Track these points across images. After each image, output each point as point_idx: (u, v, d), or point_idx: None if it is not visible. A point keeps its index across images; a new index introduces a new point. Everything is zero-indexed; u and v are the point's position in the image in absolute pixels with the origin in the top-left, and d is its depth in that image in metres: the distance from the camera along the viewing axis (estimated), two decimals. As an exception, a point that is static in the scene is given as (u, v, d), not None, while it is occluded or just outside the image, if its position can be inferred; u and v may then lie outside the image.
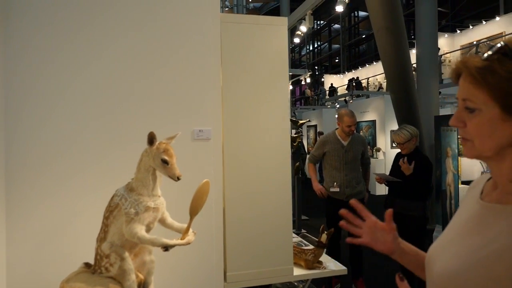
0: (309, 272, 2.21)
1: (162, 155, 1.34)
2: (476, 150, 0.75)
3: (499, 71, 0.68)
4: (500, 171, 0.75)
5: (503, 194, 0.75)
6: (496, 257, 0.68)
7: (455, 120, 0.76)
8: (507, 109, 0.69)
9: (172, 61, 1.91)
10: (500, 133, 0.70)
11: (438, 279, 0.78)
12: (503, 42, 0.70)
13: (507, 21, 12.51)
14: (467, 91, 0.73)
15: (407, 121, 4.14)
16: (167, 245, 1.35)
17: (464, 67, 0.73)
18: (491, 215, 0.75)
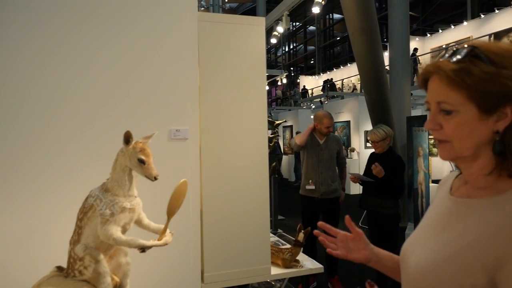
0: (287, 271, 2.22)
1: (138, 154, 1.32)
2: (455, 151, 0.76)
3: (474, 71, 0.70)
4: (471, 169, 0.77)
5: (473, 189, 0.78)
6: (467, 250, 0.71)
7: (431, 123, 0.77)
8: (484, 108, 0.71)
9: (149, 60, 1.88)
10: (478, 132, 0.73)
11: (414, 274, 0.81)
12: (471, 45, 0.73)
13: (474, 26, 13.02)
14: (443, 94, 0.74)
15: (381, 121, 4.24)
16: (144, 246, 1.33)
17: (439, 70, 0.74)
18: (461, 210, 0.78)
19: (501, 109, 0.71)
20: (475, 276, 0.68)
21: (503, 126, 0.71)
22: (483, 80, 0.69)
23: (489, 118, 0.71)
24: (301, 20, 29.40)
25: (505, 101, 0.70)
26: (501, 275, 0.65)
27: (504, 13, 12.15)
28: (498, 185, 0.74)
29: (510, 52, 0.71)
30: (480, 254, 0.68)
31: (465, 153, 0.75)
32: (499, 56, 0.70)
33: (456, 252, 0.72)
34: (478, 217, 0.73)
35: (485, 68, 0.69)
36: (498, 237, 0.67)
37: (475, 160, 0.76)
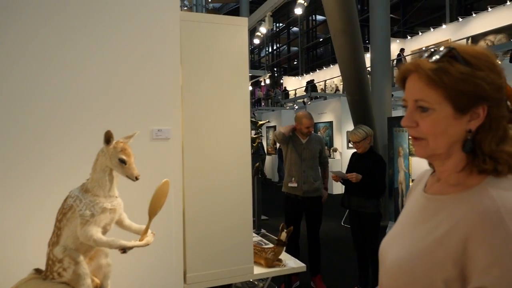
0: (269, 270, 2.24)
1: (119, 154, 1.31)
2: (430, 148, 0.78)
3: (452, 71, 0.73)
4: (444, 166, 0.80)
5: (445, 186, 0.81)
6: (438, 244, 0.73)
7: (407, 120, 0.79)
8: (458, 108, 0.74)
9: (131, 59, 1.86)
10: (452, 130, 0.75)
11: (390, 270, 0.83)
12: (449, 46, 0.76)
13: (452, 29, 13.34)
14: (421, 92, 0.76)
15: (362, 122, 4.31)
16: (125, 247, 1.32)
17: (418, 69, 0.77)
18: (434, 206, 0.80)
19: (474, 109, 0.73)
20: (446, 270, 0.70)
21: (475, 125, 0.74)
22: (459, 80, 0.72)
23: (463, 117, 0.74)
24: (284, 21, 29.54)
25: (478, 102, 0.73)
26: (469, 266, 0.67)
27: (481, 17, 12.50)
28: (468, 181, 0.77)
29: (484, 55, 0.74)
30: (449, 248, 0.71)
31: (439, 151, 0.78)
32: (474, 58, 0.73)
33: (428, 247, 0.75)
34: (448, 213, 0.75)
35: (461, 68, 0.72)
36: (464, 230, 0.70)
37: (448, 158, 0.79)
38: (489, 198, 0.70)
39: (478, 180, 0.75)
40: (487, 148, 0.74)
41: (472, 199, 0.73)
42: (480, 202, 0.71)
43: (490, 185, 0.73)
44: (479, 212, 0.69)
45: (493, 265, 0.64)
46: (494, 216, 0.67)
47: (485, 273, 0.65)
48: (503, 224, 0.66)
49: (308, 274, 3.71)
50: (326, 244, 5.07)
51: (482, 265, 0.66)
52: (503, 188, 0.72)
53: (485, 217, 0.68)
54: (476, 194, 0.73)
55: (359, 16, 20.32)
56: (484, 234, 0.67)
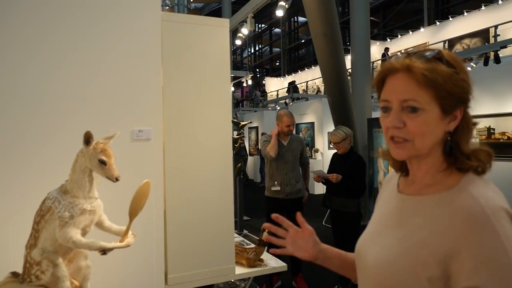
0: (251, 270, 2.25)
1: (99, 155, 1.30)
2: (414, 149, 0.78)
3: (441, 72, 0.75)
4: (420, 166, 0.82)
5: (421, 187, 0.82)
6: (421, 245, 0.74)
7: (395, 120, 0.77)
8: (444, 109, 0.76)
9: (111, 59, 1.84)
10: (437, 131, 0.77)
11: (371, 271, 0.83)
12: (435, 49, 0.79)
13: (430, 32, 13.68)
14: (411, 92, 0.75)
15: (343, 122, 4.37)
16: (105, 249, 1.31)
17: (410, 68, 0.75)
18: (413, 206, 0.81)
19: (455, 111, 0.77)
20: (430, 269, 0.72)
21: (453, 127, 0.78)
22: (449, 81, 0.75)
23: (445, 119, 0.77)
24: (266, 22, 29.64)
25: (459, 103, 0.77)
26: (453, 267, 0.69)
27: (457, 21, 12.85)
28: (445, 181, 0.78)
29: (459, 59, 0.79)
30: (433, 249, 0.72)
31: (423, 151, 0.79)
32: (456, 62, 0.78)
33: (411, 247, 0.76)
34: (430, 213, 0.76)
35: (447, 70, 0.75)
36: (448, 231, 0.71)
37: (426, 158, 0.80)
38: (472, 198, 0.71)
39: (456, 180, 0.77)
40: (465, 149, 0.77)
41: (455, 199, 0.74)
42: (463, 203, 0.72)
43: (468, 184, 0.75)
44: (465, 213, 0.70)
45: (484, 263, 0.66)
46: (480, 216, 0.68)
47: (476, 272, 0.66)
48: (489, 223, 0.67)
49: (290, 274, 3.74)
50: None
51: (471, 265, 0.67)
52: (481, 187, 0.74)
53: (471, 217, 0.69)
54: (457, 194, 0.74)
55: (340, 19, 20.58)
56: (472, 234, 0.68)
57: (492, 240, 0.66)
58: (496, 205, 0.70)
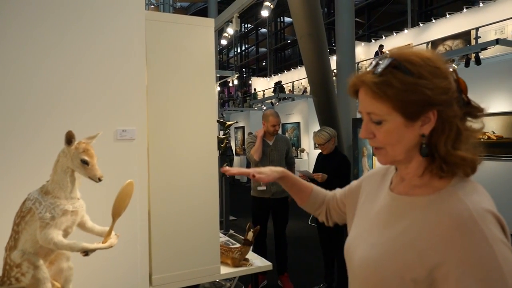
0: (236, 270, 2.25)
1: (81, 155, 1.28)
2: (389, 156, 0.81)
3: (394, 83, 0.74)
4: (408, 169, 0.83)
5: (410, 187, 0.83)
6: (409, 247, 0.75)
7: (365, 132, 0.82)
8: (408, 116, 0.76)
9: (94, 58, 1.82)
10: (406, 138, 0.78)
11: (358, 269, 0.85)
12: (391, 56, 0.77)
13: (414, 34, 13.89)
14: (370, 105, 0.79)
15: (328, 123, 4.41)
16: (87, 250, 1.29)
17: (363, 84, 0.79)
18: (401, 207, 0.82)
19: (424, 114, 0.76)
20: (416, 271, 0.73)
21: (428, 129, 0.77)
22: (403, 91, 0.74)
23: (415, 124, 0.77)
24: (252, 22, 29.64)
25: (426, 107, 0.75)
26: (439, 272, 0.70)
27: (440, 23, 13.08)
28: (434, 183, 0.79)
29: (426, 60, 0.76)
30: (421, 252, 0.73)
31: (398, 157, 0.81)
32: (416, 66, 0.75)
33: (399, 248, 0.77)
34: (418, 215, 0.77)
35: (404, 78, 0.74)
36: (436, 235, 0.72)
37: (409, 163, 0.82)
38: (461, 202, 0.72)
39: (445, 183, 0.77)
40: (443, 150, 0.76)
41: (444, 203, 0.74)
42: (453, 207, 0.72)
43: (457, 187, 0.76)
44: (453, 218, 0.71)
45: (473, 268, 0.67)
46: (468, 221, 0.69)
47: (466, 277, 0.67)
48: (478, 228, 0.68)
49: (275, 273, 3.76)
50: (293, 243, 5.15)
51: (460, 270, 0.68)
52: (469, 190, 0.75)
53: (460, 222, 0.70)
54: (446, 197, 0.75)
55: (326, 20, 20.66)
56: (461, 239, 0.69)
57: (481, 245, 0.67)
58: (483, 209, 0.71)
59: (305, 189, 1.19)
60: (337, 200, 1.16)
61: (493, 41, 5.71)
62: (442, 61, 0.77)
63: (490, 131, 6.07)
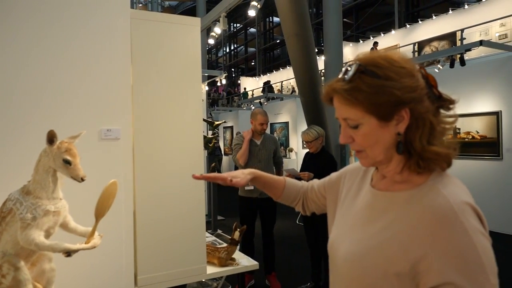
0: (222, 270, 2.25)
1: (63, 155, 1.26)
2: (370, 158, 0.83)
3: (363, 88, 0.77)
4: (388, 167, 0.85)
5: (391, 183, 0.85)
6: (391, 241, 0.77)
7: (344, 138, 0.85)
8: (382, 117, 0.78)
9: (78, 56, 1.79)
10: (383, 138, 0.80)
11: (342, 264, 0.86)
12: (357, 61, 0.79)
13: (401, 35, 14.07)
14: (345, 111, 0.81)
15: (315, 122, 4.43)
16: (70, 250, 1.27)
17: (334, 92, 0.82)
18: (384, 202, 0.84)
19: (397, 114, 0.77)
20: (399, 265, 0.74)
21: (403, 127, 0.78)
22: (373, 94, 0.76)
23: (389, 123, 0.78)
24: (241, 21, 29.63)
25: (397, 107, 0.77)
26: (422, 265, 0.72)
27: (426, 24, 13.27)
28: (414, 179, 0.81)
29: (392, 62, 0.78)
30: (403, 245, 0.75)
31: (379, 158, 0.83)
32: (382, 69, 0.77)
33: (382, 243, 0.78)
34: (400, 210, 0.79)
35: (372, 82, 0.76)
36: (418, 229, 0.74)
37: (390, 162, 0.84)
38: (441, 196, 0.74)
39: (424, 178, 0.80)
40: (418, 146, 0.78)
41: (424, 197, 0.76)
42: (433, 201, 0.74)
43: (436, 181, 0.78)
44: (434, 211, 0.73)
45: (454, 260, 0.69)
46: (449, 214, 0.71)
47: (447, 269, 0.69)
48: (458, 220, 0.70)
49: (263, 272, 3.77)
50: (281, 243, 5.16)
51: (442, 262, 0.69)
52: (448, 184, 0.77)
53: (441, 215, 0.72)
54: (426, 192, 0.77)
55: (315, 20, 20.73)
56: (442, 232, 0.71)
57: (461, 237, 0.69)
58: (462, 201, 0.73)
59: (278, 185, 1.20)
60: (315, 192, 1.17)
61: (477, 43, 5.81)
62: (407, 61, 0.79)
63: (474, 131, 6.18)
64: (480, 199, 6.39)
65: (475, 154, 6.13)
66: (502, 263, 5.25)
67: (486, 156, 5.98)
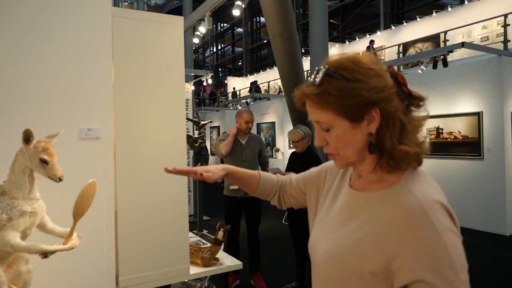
0: (206, 270, 2.24)
1: (40, 154, 1.24)
2: (343, 159, 0.85)
3: (332, 91, 0.78)
4: (363, 167, 0.87)
5: (367, 183, 0.87)
6: (366, 240, 0.78)
7: (318, 141, 0.86)
8: (352, 119, 0.79)
9: (58, 55, 1.76)
10: (355, 139, 0.81)
11: (321, 263, 0.87)
12: (326, 65, 0.80)
13: (386, 36, 14.24)
14: (316, 115, 0.83)
15: (301, 122, 4.44)
16: (46, 252, 1.25)
17: (305, 97, 0.83)
18: (359, 203, 0.86)
19: (368, 114, 0.79)
20: (373, 264, 0.76)
21: (374, 127, 0.80)
22: (342, 97, 0.78)
23: (361, 124, 0.80)
24: (228, 21, 29.58)
25: (367, 108, 0.78)
26: (394, 263, 0.73)
27: (411, 26, 13.46)
28: (388, 178, 0.83)
29: (360, 63, 0.79)
30: (377, 244, 0.76)
31: (352, 159, 0.84)
32: (350, 71, 0.78)
33: (357, 242, 0.80)
34: (375, 210, 0.81)
35: (340, 85, 0.78)
36: (391, 228, 0.75)
37: (363, 162, 0.85)
38: (412, 195, 0.76)
39: (397, 177, 0.81)
40: (389, 145, 0.79)
41: (397, 196, 0.78)
42: (404, 200, 0.76)
43: (408, 180, 0.80)
44: (405, 210, 0.75)
45: (424, 257, 0.70)
46: (419, 213, 0.73)
47: (418, 266, 0.70)
48: (428, 218, 0.72)
49: (248, 272, 3.76)
50: (266, 242, 5.17)
51: (413, 260, 0.71)
52: (419, 183, 0.79)
53: (411, 214, 0.73)
54: (398, 191, 0.79)
55: (301, 21, 20.79)
56: (413, 231, 0.72)
57: (431, 234, 0.71)
58: (432, 200, 0.75)
59: (253, 180, 1.18)
60: (294, 187, 1.16)
61: (459, 44, 5.92)
62: (375, 62, 0.81)
63: (456, 131, 6.30)
64: (462, 198, 6.50)
65: (457, 154, 6.24)
66: (483, 260, 5.35)
67: (468, 156, 6.09)
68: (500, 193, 5.69)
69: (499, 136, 5.76)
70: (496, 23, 10.03)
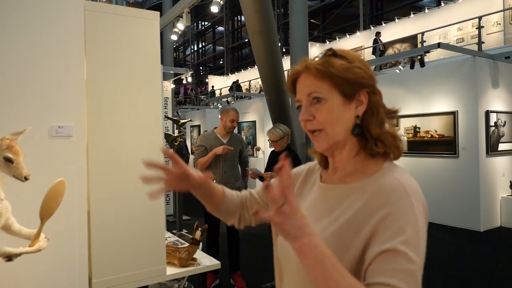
0: (183, 270, 2.20)
1: (5, 152, 1.18)
2: (329, 137, 0.84)
3: (334, 64, 0.83)
4: (342, 154, 0.86)
5: (344, 175, 0.86)
6: (345, 227, 0.78)
7: (305, 114, 0.85)
8: (345, 95, 0.83)
9: (27, 48, 1.69)
10: (344, 117, 0.83)
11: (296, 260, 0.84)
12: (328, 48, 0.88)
13: (365, 36, 14.44)
14: (312, 85, 0.84)
15: (281, 121, 4.45)
16: (11, 254, 1.19)
17: (306, 69, 0.85)
18: (336, 195, 0.85)
19: (357, 96, 0.84)
20: (354, 248, 0.75)
21: (361, 111, 0.84)
22: (342, 70, 0.83)
23: (351, 104, 0.84)
24: (209, 20, 29.41)
25: (359, 88, 0.83)
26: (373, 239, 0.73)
27: (389, 27, 13.69)
28: (366, 169, 0.84)
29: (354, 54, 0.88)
30: (355, 228, 0.76)
31: (338, 137, 0.84)
32: (348, 54, 0.86)
33: (336, 231, 0.79)
34: (353, 199, 0.80)
35: (341, 62, 0.84)
36: (369, 206, 0.76)
37: (345, 146, 0.85)
38: (394, 179, 0.78)
39: (376, 168, 0.83)
40: (374, 131, 0.83)
41: (377, 183, 0.79)
42: (387, 182, 0.78)
43: (389, 169, 0.82)
44: (387, 188, 0.77)
45: (398, 231, 0.71)
46: (401, 191, 0.76)
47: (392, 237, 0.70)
48: (408, 198, 0.75)
49: (228, 272, 3.74)
50: (246, 241, 5.15)
51: (388, 233, 0.71)
52: (401, 172, 0.82)
53: (393, 191, 0.76)
54: (380, 178, 0.80)
55: (282, 20, 20.88)
56: (392, 207, 0.74)
57: (409, 213, 0.73)
58: (414, 187, 0.78)
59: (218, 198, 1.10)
60: (255, 200, 1.11)
61: (435, 45, 6.04)
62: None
63: (433, 130, 6.43)
64: (438, 195, 6.65)
65: (433, 152, 6.38)
66: (458, 256, 5.48)
67: (444, 154, 6.23)
68: (474, 190, 5.85)
69: (474, 135, 5.92)
70: (471, 25, 10.31)
